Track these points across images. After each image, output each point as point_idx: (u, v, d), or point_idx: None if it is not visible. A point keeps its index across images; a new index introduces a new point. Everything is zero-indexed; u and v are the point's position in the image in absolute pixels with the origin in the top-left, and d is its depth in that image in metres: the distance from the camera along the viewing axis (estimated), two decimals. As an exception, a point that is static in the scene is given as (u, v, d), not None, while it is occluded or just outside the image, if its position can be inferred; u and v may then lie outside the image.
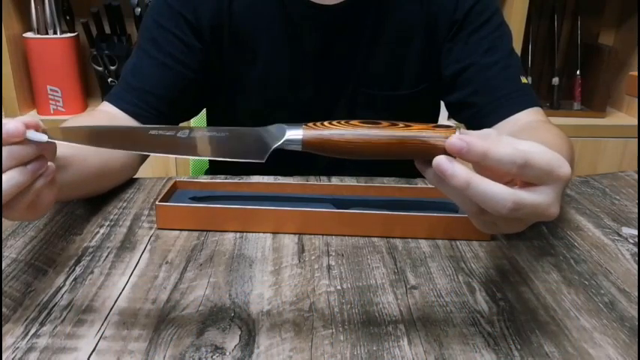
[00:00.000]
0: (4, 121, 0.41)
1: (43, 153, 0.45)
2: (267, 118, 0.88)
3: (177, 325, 0.48)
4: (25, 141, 0.42)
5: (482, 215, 0.41)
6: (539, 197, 0.39)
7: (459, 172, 0.39)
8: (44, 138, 0.43)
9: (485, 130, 0.41)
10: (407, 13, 0.82)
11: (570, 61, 1.88)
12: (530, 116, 0.77)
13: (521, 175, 0.39)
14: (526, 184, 0.40)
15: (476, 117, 0.80)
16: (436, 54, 0.84)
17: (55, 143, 0.45)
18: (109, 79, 1.72)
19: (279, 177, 0.78)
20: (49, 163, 0.45)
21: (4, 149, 0.42)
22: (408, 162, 0.43)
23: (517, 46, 1.65)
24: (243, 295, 0.52)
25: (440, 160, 0.39)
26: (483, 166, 0.39)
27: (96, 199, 0.71)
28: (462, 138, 0.39)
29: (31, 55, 1.66)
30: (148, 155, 0.82)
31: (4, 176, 0.42)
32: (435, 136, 0.40)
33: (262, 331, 0.47)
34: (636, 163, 1.76)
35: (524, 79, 0.81)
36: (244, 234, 0.64)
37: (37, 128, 0.43)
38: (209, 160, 1.07)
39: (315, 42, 0.82)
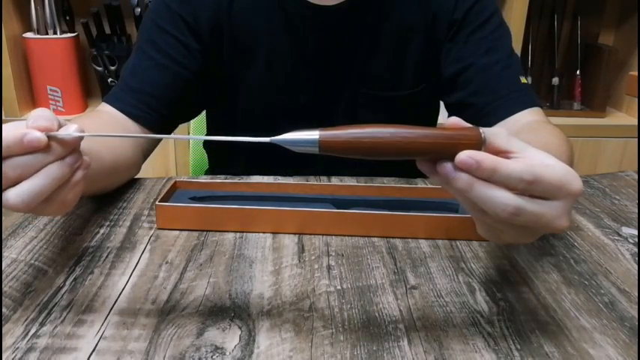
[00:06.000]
0: (28, 130, 0.41)
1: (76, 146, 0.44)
2: (267, 119, 0.88)
3: (177, 325, 0.48)
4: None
5: (485, 218, 0.41)
6: (543, 207, 0.39)
7: (462, 175, 0.39)
8: (74, 133, 0.42)
9: (495, 129, 0.41)
10: (406, 14, 0.82)
11: (570, 61, 1.88)
12: (530, 116, 0.77)
13: (529, 190, 0.38)
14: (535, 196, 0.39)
15: (476, 117, 0.80)
16: (436, 54, 0.84)
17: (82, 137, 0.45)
18: (109, 79, 1.72)
19: (279, 177, 0.78)
20: (84, 157, 0.45)
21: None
22: (408, 162, 0.43)
23: (517, 46, 1.65)
24: (243, 295, 0.52)
25: (443, 163, 0.39)
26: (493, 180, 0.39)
27: (96, 199, 0.71)
28: (472, 156, 0.38)
29: (31, 55, 1.66)
30: (151, 152, 0.83)
31: (45, 170, 0.41)
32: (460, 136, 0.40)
33: (262, 331, 0.47)
34: (636, 163, 1.76)
35: (523, 80, 0.81)
36: (244, 234, 0.64)
37: (50, 129, 0.43)
38: (209, 159, 1.07)
39: (314, 43, 0.82)
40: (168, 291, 0.53)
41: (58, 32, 1.66)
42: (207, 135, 1.03)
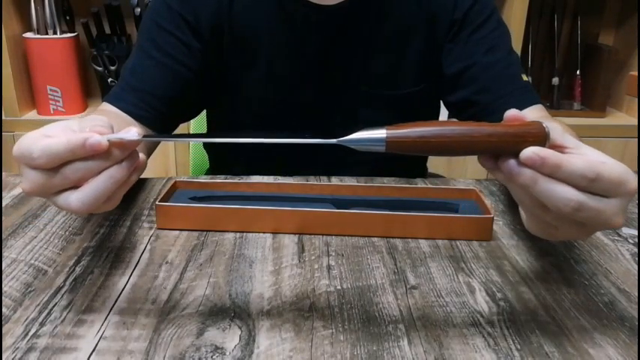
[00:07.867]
0: (90, 134, 0.41)
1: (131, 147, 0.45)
2: (268, 118, 0.88)
3: (177, 325, 0.48)
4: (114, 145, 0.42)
5: (544, 214, 0.41)
6: (603, 205, 0.40)
7: (526, 170, 0.39)
8: (134, 136, 0.43)
9: (550, 123, 0.41)
10: (406, 13, 0.82)
11: (570, 61, 1.87)
12: (533, 113, 0.78)
13: (589, 188, 0.39)
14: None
15: (479, 115, 0.80)
16: (436, 53, 0.84)
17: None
18: (109, 79, 1.72)
19: (279, 177, 0.78)
20: (140, 155, 0.45)
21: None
22: (408, 162, 0.43)
23: (517, 46, 1.65)
24: (243, 295, 0.52)
25: (507, 160, 0.40)
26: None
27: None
28: (537, 152, 0.39)
29: (31, 55, 1.66)
30: (153, 151, 0.82)
31: (105, 173, 0.42)
32: (526, 131, 0.41)
33: (262, 331, 0.47)
34: (636, 163, 1.76)
35: (524, 77, 0.82)
36: (244, 234, 0.64)
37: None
38: (209, 159, 1.07)
39: (315, 42, 0.82)
40: (169, 291, 0.53)
41: (58, 32, 1.66)
42: (208, 135, 1.03)
